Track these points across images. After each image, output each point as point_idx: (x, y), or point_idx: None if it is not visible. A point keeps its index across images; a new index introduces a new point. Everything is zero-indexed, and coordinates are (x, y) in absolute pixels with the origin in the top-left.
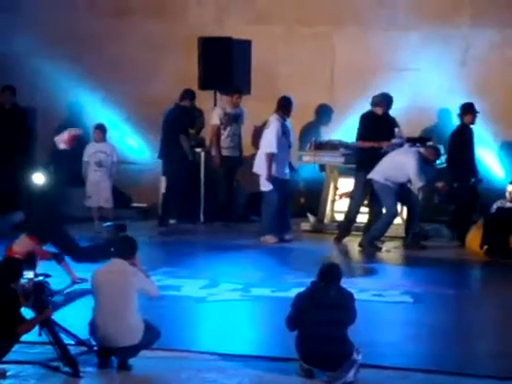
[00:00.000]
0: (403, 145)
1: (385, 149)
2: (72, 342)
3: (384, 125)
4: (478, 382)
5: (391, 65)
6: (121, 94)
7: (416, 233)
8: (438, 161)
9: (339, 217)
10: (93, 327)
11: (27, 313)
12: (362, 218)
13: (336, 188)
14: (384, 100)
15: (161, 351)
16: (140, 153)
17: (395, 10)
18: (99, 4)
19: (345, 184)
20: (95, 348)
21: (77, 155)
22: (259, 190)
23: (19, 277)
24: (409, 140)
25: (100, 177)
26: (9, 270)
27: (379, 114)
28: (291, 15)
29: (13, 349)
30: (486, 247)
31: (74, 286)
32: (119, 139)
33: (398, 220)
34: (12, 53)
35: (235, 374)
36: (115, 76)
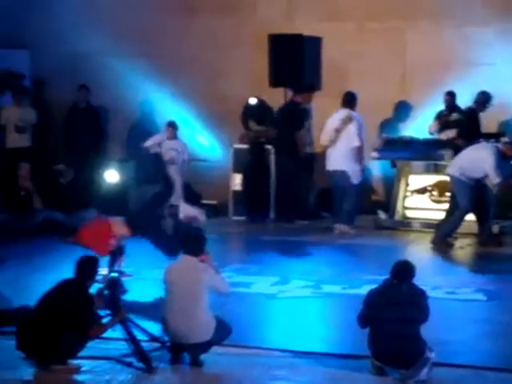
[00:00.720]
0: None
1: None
2: (145, 338)
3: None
4: None
5: (465, 60)
6: (191, 92)
7: (490, 229)
8: None
9: (410, 213)
10: (165, 324)
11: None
12: (435, 215)
13: (407, 184)
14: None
15: (232, 348)
16: (210, 150)
17: (469, 4)
18: (169, 2)
19: (416, 180)
20: (168, 344)
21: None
22: (329, 187)
23: (95, 275)
24: (484, 135)
25: (172, 174)
26: (86, 269)
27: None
28: (362, 11)
29: (87, 344)
30: None
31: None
32: (190, 136)
33: (471, 216)
34: (83, 52)
35: (307, 372)
36: (185, 73)
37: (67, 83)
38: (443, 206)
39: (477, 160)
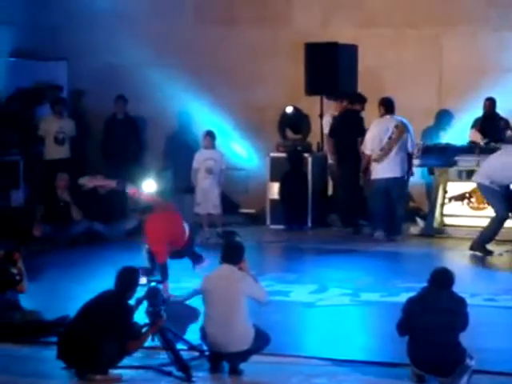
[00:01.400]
0: None
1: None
2: (184, 347)
3: None
4: None
5: (502, 65)
6: (228, 101)
7: None
8: None
9: (448, 220)
10: (204, 332)
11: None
12: (474, 222)
13: (445, 191)
14: None
15: (271, 356)
16: (247, 159)
17: (506, 9)
18: (206, 13)
19: (454, 187)
20: (207, 353)
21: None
22: (367, 195)
23: (135, 287)
24: None
25: (209, 184)
26: (126, 280)
27: None
28: (398, 18)
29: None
30: None
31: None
32: (227, 145)
33: (510, 223)
34: (120, 63)
35: (346, 380)
36: (222, 83)
37: (105, 94)
38: (481, 213)
39: (506, 166)
